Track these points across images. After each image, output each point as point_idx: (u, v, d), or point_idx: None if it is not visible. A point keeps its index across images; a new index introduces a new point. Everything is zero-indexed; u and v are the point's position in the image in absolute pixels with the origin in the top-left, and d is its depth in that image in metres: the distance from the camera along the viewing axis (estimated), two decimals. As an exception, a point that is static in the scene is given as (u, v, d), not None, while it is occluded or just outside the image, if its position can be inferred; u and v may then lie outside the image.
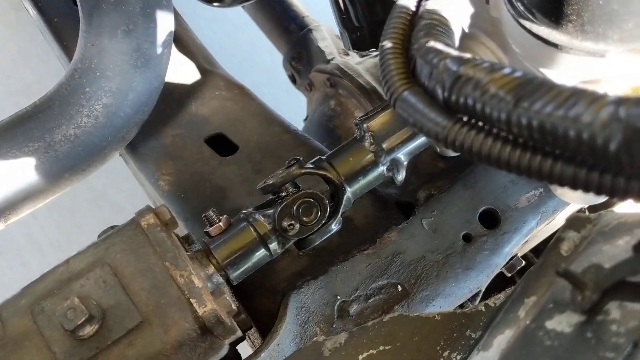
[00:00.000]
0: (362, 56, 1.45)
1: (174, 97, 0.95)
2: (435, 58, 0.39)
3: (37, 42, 2.21)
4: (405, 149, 0.64)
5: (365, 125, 0.64)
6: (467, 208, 0.75)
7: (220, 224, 0.62)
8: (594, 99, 0.30)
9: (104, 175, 1.99)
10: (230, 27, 2.28)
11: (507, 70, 0.34)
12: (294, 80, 1.60)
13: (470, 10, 0.48)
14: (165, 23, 0.81)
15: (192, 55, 1.01)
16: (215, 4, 1.13)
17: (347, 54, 1.54)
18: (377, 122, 0.64)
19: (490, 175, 0.76)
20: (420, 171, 0.78)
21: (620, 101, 0.29)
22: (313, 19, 1.59)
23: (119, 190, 1.97)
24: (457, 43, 0.44)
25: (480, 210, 0.75)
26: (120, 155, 1.02)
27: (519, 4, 0.46)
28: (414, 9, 0.46)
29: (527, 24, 0.45)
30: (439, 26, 0.43)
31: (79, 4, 0.79)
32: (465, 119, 0.37)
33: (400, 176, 0.65)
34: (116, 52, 0.79)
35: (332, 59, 1.47)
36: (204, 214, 0.62)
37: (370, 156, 0.64)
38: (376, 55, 1.26)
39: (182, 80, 0.98)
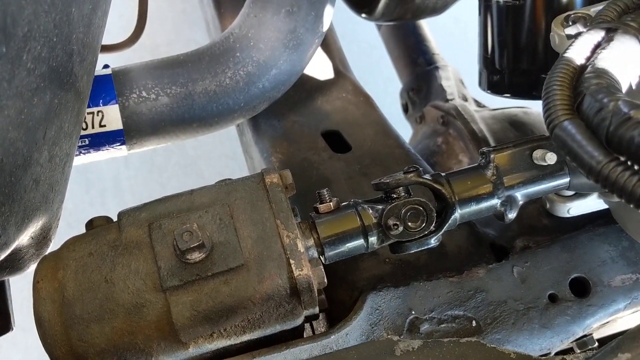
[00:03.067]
0: (481, 106, 1.47)
1: (305, 87, 1.00)
2: (606, 98, 0.41)
3: (175, 9, 2.34)
4: (525, 190, 0.65)
5: (492, 155, 0.66)
6: (561, 270, 0.74)
7: (331, 204, 0.64)
8: None
9: (201, 147, 2.08)
10: (355, 47, 2.34)
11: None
12: (405, 110, 1.63)
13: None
14: (324, 15, 0.86)
15: (331, 54, 1.06)
16: (363, 15, 1.18)
17: (466, 100, 1.56)
18: (504, 155, 0.65)
19: (593, 246, 0.76)
20: (523, 221, 0.78)
21: None
22: (442, 58, 1.62)
23: (209, 165, 2.05)
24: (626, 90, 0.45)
25: (572, 276, 0.74)
26: (237, 125, 1.08)
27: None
28: (583, 61, 0.48)
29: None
30: (609, 74, 0.44)
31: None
32: (621, 159, 0.39)
33: (512, 214, 0.66)
34: (274, 29, 0.84)
35: (451, 99, 1.50)
36: (318, 191, 0.65)
37: (488, 185, 0.65)
38: (495, 109, 1.27)
39: (317, 74, 1.03)
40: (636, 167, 0.38)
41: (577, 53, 0.48)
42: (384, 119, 0.99)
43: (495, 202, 0.65)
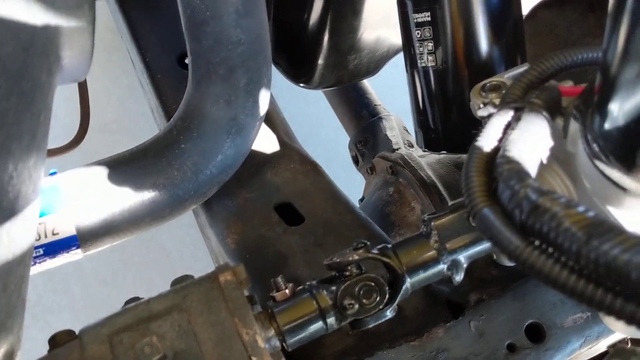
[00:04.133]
0: (426, 151, 1.52)
1: (253, 163, 1.03)
2: (516, 185, 0.44)
3: (121, 85, 2.37)
4: (467, 252, 0.68)
5: (433, 223, 0.69)
6: (515, 319, 0.78)
7: (286, 291, 0.67)
8: (659, 250, 0.34)
9: (160, 219, 2.08)
10: (302, 100, 2.40)
11: (581, 209, 0.39)
12: (356, 162, 1.68)
13: (550, 143, 0.54)
14: (262, 100, 0.89)
15: (276, 128, 1.10)
16: (301, 85, 1.22)
17: (412, 146, 1.62)
18: (445, 222, 0.69)
19: (541, 291, 0.79)
20: (473, 275, 0.82)
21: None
22: (384, 109, 1.68)
23: (171, 237, 2.05)
24: (535, 173, 0.49)
25: (527, 323, 0.78)
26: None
27: (595, 145, 0.52)
28: (496, 143, 0.52)
29: (601, 165, 0.50)
30: (519, 157, 0.48)
31: (190, 69, 0.88)
32: (537, 242, 0.42)
33: (459, 277, 0.69)
34: (215, 118, 0.87)
35: (397, 149, 1.55)
36: (273, 279, 0.67)
37: (433, 253, 0.68)
38: (440, 153, 1.32)
39: (263, 149, 1.06)
40: (551, 250, 0.41)
41: (489, 137, 0.52)
42: (333, 185, 1.03)
43: (441, 267, 0.69)
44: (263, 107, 0.91)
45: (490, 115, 0.57)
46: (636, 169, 0.48)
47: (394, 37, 1.18)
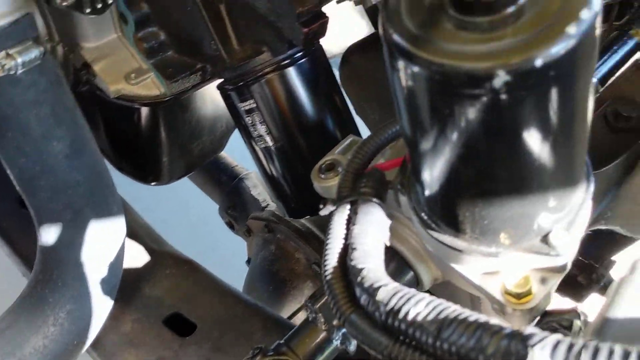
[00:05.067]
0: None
1: (127, 283, 1.01)
2: (370, 289, 0.49)
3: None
4: (353, 324, 0.73)
5: (315, 307, 0.73)
6: None
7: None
8: (493, 331, 0.40)
9: None
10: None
11: (429, 303, 0.45)
12: (232, 227, 1.69)
13: (388, 224, 0.60)
14: (117, 225, 0.89)
15: (138, 237, 1.09)
16: (152, 183, 1.22)
17: (279, 198, 1.66)
18: (325, 301, 0.73)
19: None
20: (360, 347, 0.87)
21: (513, 335, 0.39)
22: (243, 168, 1.71)
23: None
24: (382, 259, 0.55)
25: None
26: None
27: (423, 215, 0.58)
28: (343, 242, 0.57)
29: (432, 233, 0.57)
30: (366, 255, 0.53)
31: (35, 221, 0.86)
32: (402, 338, 0.47)
33: (352, 347, 0.74)
34: (75, 261, 0.85)
35: (266, 206, 1.58)
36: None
37: (324, 335, 0.72)
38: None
39: (132, 265, 1.05)
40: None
41: (337, 239, 0.57)
42: (213, 278, 1.04)
43: (335, 344, 0.73)
44: (121, 232, 0.90)
45: (331, 214, 0.62)
46: (462, 231, 0.54)
47: (229, 114, 1.21)
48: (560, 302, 0.97)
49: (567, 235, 0.54)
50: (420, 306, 0.45)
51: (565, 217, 0.54)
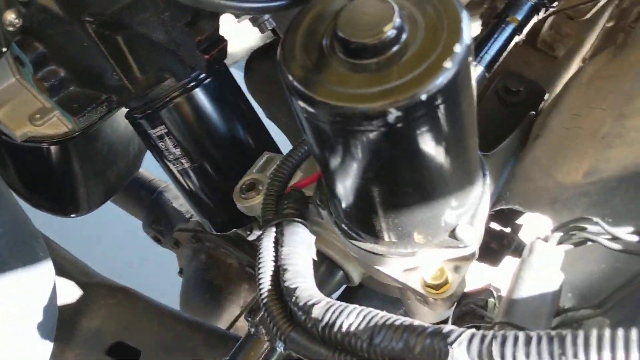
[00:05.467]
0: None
1: (65, 320, 1.01)
2: (305, 306, 0.53)
3: None
4: (293, 329, 0.78)
5: (255, 320, 0.77)
6: None
7: None
8: (418, 332, 0.46)
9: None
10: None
11: (359, 313, 0.50)
12: (158, 241, 1.68)
13: (313, 239, 0.64)
14: (45, 275, 0.88)
15: (68, 273, 1.08)
16: (72, 215, 1.21)
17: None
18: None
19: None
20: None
21: (435, 333, 0.45)
22: (160, 180, 1.70)
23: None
24: (313, 274, 0.59)
25: None
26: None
27: (344, 226, 0.63)
28: (274, 253, 0.61)
29: (354, 242, 0.62)
30: (297, 274, 0.57)
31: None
32: (339, 347, 0.52)
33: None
34: (7, 313, 0.85)
35: (190, 216, 1.59)
36: None
37: (266, 345, 0.76)
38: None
39: (67, 302, 1.05)
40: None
41: (267, 262, 0.60)
42: (151, 301, 1.05)
43: (279, 351, 0.77)
44: (49, 275, 0.90)
45: (259, 238, 0.65)
46: (379, 237, 0.60)
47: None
48: (479, 267, 1.06)
49: (471, 228, 0.60)
50: (352, 317, 0.50)
51: (467, 212, 0.61)
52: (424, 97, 0.45)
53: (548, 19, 1.16)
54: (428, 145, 0.50)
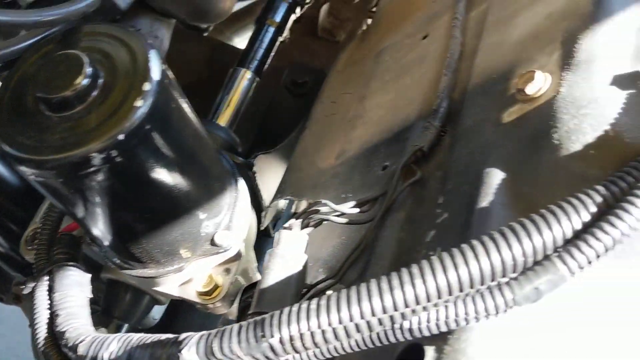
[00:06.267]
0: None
1: None
2: (73, 347, 0.55)
3: None
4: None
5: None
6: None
7: None
8: (163, 344, 0.50)
9: None
10: None
11: (119, 340, 0.53)
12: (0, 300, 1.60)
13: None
14: None
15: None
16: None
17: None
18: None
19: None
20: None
21: (173, 343, 0.49)
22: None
23: None
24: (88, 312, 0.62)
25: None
26: None
27: (115, 259, 0.66)
28: (48, 301, 0.62)
29: (127, 271, 0.65)
30: (71, 310, 0.59)
31: None
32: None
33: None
34: None
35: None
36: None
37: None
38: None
39: None
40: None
41: (41, 315, 0.62)
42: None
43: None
44: None
45: (33, 289, 0.66)
46: (145, 265, 0.63)
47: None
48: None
49: (229, 233, 0.66)
50: (112, 346, 0.54)
51: (223, 218, 0.66)
52: (121, 137, 0.49)
53: (323, 7, 1.24)
54: (151, 173, 0.54)
